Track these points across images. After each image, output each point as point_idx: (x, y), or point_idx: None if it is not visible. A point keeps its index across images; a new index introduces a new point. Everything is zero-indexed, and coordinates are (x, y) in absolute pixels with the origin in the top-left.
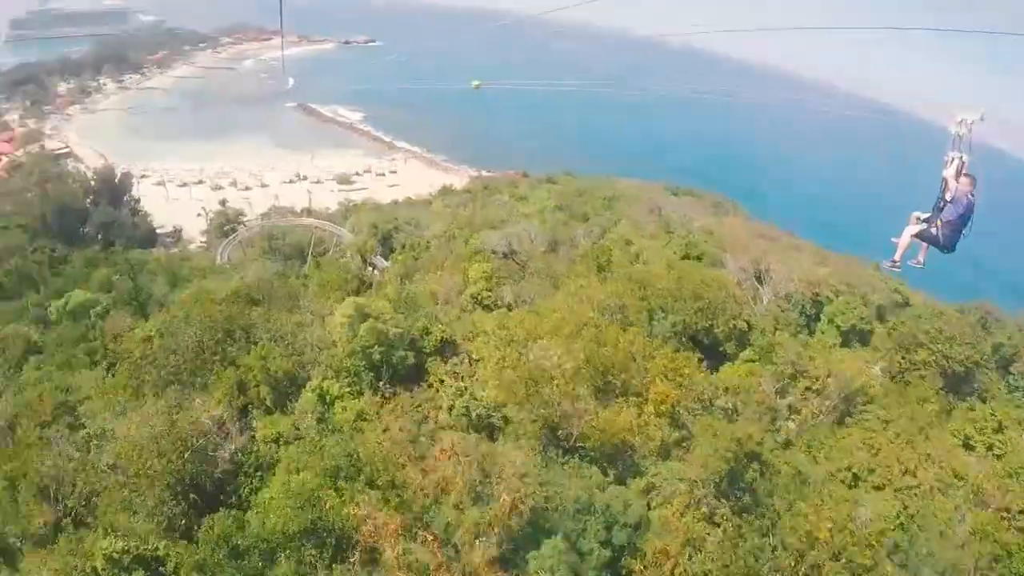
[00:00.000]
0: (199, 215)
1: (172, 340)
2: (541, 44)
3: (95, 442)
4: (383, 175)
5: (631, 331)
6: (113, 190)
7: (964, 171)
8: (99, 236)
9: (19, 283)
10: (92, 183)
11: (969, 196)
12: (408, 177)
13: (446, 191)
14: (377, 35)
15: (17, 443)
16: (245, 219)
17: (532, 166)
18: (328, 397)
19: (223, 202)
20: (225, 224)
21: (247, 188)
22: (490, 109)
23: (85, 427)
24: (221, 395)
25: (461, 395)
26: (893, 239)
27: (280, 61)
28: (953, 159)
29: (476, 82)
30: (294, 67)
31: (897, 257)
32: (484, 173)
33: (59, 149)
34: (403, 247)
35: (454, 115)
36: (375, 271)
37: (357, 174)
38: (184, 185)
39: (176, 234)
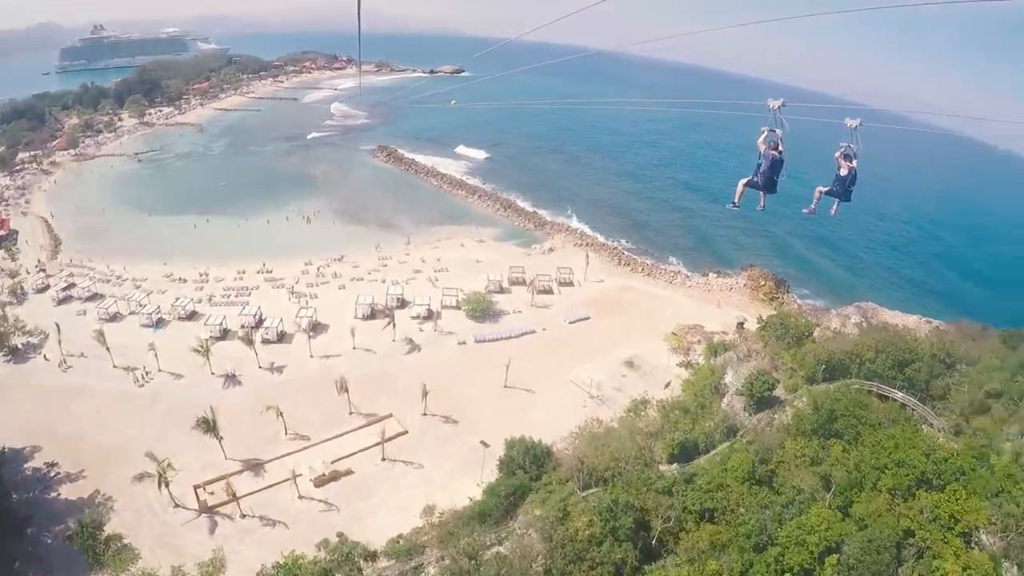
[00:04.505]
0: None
1: None
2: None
3: None
4: (548, 291)
5: None
6: None
7: (769, 140)
8: None
9: None
10: None
11: (774, 154)
12: (592, 293)
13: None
14: (466, 66)
15: None
16: None
17: (740, 252)
18: None
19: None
20: None
21: (280, 338)
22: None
23: None
24: None
25: None
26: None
27: (351, 91)
28: (763, 131)
29: (453, 101)
30: (372, 97)
31: (736, 200)
32: (714, 277)
33: None
34: None
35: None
36: None
37: (501, 289)
38: (158, 324)
39: (98, 508)
